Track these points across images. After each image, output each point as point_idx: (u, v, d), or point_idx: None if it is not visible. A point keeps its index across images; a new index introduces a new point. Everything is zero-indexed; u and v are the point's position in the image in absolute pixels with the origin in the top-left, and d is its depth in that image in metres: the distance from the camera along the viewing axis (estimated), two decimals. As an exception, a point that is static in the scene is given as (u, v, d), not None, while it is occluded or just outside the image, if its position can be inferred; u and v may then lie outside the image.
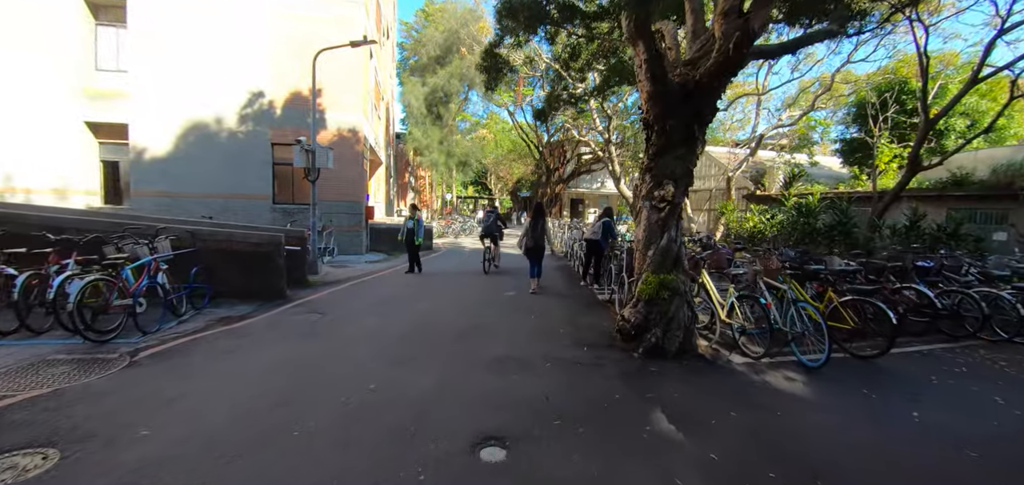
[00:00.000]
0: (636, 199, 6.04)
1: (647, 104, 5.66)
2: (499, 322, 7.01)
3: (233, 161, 14.71)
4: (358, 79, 14.97)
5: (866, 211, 15.61)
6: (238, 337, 6.13)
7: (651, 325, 5.53)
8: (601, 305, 8.46)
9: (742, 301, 5.82)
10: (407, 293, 9.14)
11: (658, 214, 5.70)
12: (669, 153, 5.64)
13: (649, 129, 5.76)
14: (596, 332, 6.56)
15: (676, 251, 5.71)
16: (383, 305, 8.09)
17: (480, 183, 54.59)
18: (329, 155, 11.09)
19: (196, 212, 14.49)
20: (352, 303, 8.27)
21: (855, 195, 15.21)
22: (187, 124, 14.57)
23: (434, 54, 23.66)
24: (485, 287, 10.03)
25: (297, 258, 9.66)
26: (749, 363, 5.51)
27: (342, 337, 6.16)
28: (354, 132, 14.94)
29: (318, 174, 11.05)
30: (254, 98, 14.72)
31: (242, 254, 8.29)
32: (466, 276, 11.63)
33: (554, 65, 15.04)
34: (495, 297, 8.95)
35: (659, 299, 5.48)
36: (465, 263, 14.63)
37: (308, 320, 7.06)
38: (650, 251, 5.70)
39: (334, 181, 14.88)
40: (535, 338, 6.21)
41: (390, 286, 9.89)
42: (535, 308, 8.03)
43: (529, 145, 34.22)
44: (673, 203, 5.64)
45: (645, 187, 5.81)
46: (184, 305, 7.29)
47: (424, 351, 5.61)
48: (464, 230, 25.06)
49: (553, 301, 8.71)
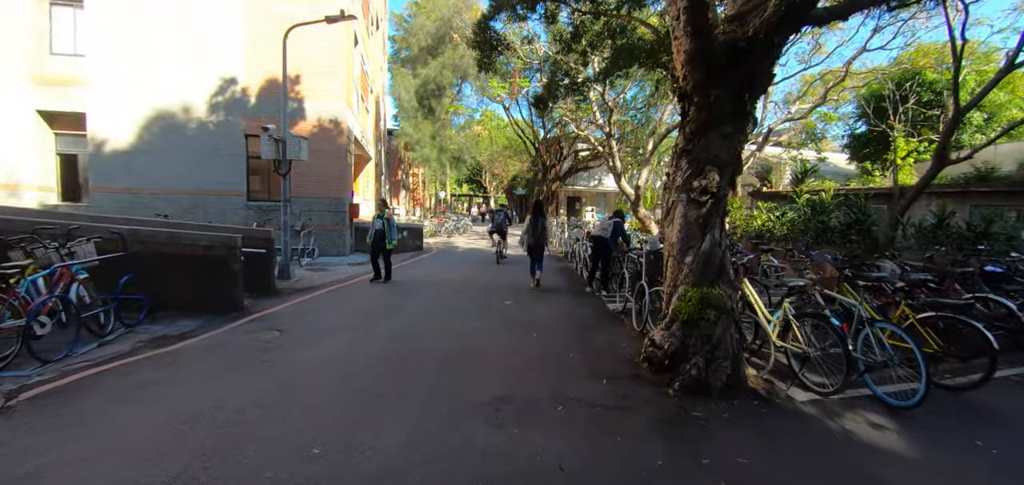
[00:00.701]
0: (668, 192, 4.72)
1: (685, 68, 4.34)
2: (495, 343, 5.67)
3: (203, 154, 13.24)
4: (341, 65, 13.55)
5: (882, 209, 14.40)
6: (162, 367, 4.75)
7: (690, 353, 4.23)
8: (614, 318, 7.14)
9: (802, 320, 4.52)
10: (387, 303, 7.78)
11: (697, 210, 4.38)
12: (713, 131, 4.33)
13: (686, 101, 4.45)
14: (614, 356, 5.24)
15: (720, 258, 4.40)
16: (357, 319, 6.73)
17: (475, 181, 53.17)
18: (302, 145, 9.70)
19: (163, 210, 13.04)
20: (321, 317, 6.89)
21: (871, 191, 14.03)
22: (152, 114, 13.09)
23: (425, 44, 22.19)
24: (479, 295, 8.69)
25: (262, 262, 8.28)
26: (815, 400, 4.23)
27: (294, 366, 4.80)
28: (336, 123, 13.52)
29: (290, 167, 9.66)
30: (226, 85, 13.26)
31: (190, 259, 6.90)
32: (458, 281, 10.28)
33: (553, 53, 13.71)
34: (491, 307, 7.62)
35: (701, 320, 4.17)
36: (458, 265, 13.27)
37: (260, 341, 5.69)
38: (688, 258, 4.39)
39: (314, 176, 13.48)
40: (540, 367, 4.89)
41: (369, 294, 8.52)
42: (537, 321, 6.70)
43: (525, 141, 32.87)
44: (717, 196, 4.33)
45: (680, 176, 4.49)
46: (111, 322, 5.91)
47: (397, 388, 4.26)
48: (457, 229, 23.67)
49: (557, 312, 7.38)
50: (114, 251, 6.21)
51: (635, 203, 18.27)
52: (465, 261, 14.15)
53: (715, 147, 4.34)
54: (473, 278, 10.62)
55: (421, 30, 22.42)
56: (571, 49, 10.43)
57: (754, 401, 4.15)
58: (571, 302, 8.21)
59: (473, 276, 10.93)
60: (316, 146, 13.37)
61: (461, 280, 10.35)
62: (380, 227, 9.50)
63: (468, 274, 11.32)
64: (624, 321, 6.82)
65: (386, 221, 9.46)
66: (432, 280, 10.32)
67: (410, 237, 15.66)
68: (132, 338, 5.76)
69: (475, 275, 11.12)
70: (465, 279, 10.49)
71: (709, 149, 4.35)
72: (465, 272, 11.70)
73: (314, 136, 13.38)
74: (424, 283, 9.88)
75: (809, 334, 4.48)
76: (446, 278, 10.65)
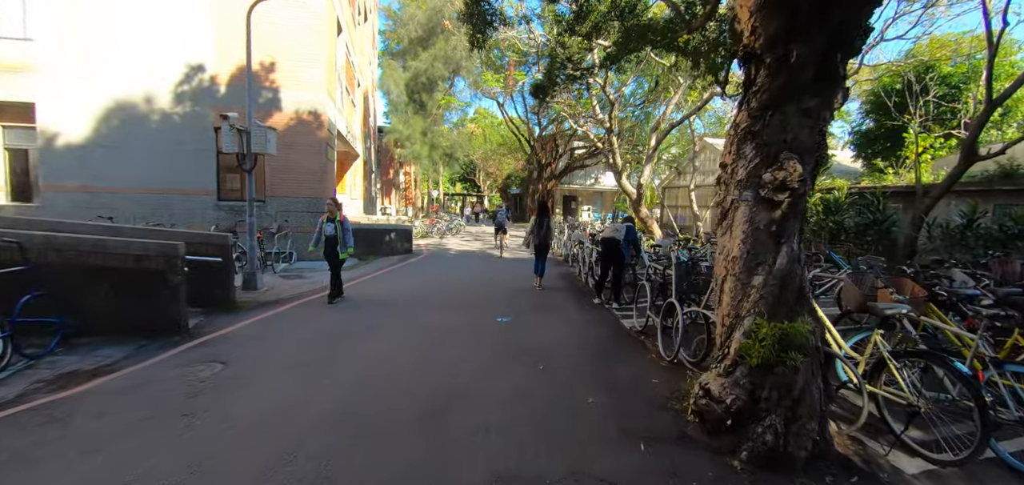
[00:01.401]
0: (722, 189, 3.49)
1: (754, 18, 3.11)
2: (490, 382, 4.41)
3: (168, 149, 11.84)
4: (321, 53, 12.21)
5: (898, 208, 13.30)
6: (48, 424, 3.46)
7: (763, 410, 3.01)
8: (633, 340, 5.90)
9: (902, 362, 3.32)
10: (360, 324, 6.49)
11: (769, 213, 3.16)
12: (790, 103, 3.11)
13: (753, 63, 3.23)
14: (647, 401, 4.00)
15: (800, 278, 3.18)
16: (320, 346, 5.44)
17: (469, 180, 51.85)
18: (270, 137, 8.36)
19: (124, 211, 11.65)
20: (277, 343, 5.59)
21: (888, 190, 12.95)
22: (110, 104, 11.67)
23: (416, 35, 20.80)
24: (472, 310, 7.43)
25: (218, 272, 6.96)
26: (930, 472, 3.04)
27: (222, 426, 3.51)
28: (316, 115, 12.18)
29: (255, 162, 8.34)
30: (193, 73, 11.87)
31: (119, 271, 5.57)
32: (447, 291, 9.01)
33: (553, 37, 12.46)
34: (485, 328, 6.35)
35: (779, 366, 2.95)
36: (449, 270, 11.98)
37: (193, 379, 4.40)
38: (756, 278, 3.16)
39: (292, 173, 12.14)
40: (551, 420, 3.63)
41: (340, 312, 7.22)
42: (542, 347, 5.45)
43: (520, 139, 31.61)
44: (798, 193, 3.11)
45: (743, 166, 3.26)
46: (7, 354, 4.59)
47: (355, 465, 3.00)
48: (450, 229, 22.33)
49: (565, 332, 6.14)
50: (10, 264, 4.88)
51: (636, 202, 17.09)
52: (457, 266, 12.88)
53: (793, 125, 3.12)
54: (465, 287, 9.35)
55: (411, 20, 21.02)
56: (574, 31, 9.16)
57: (851, 477, 2.95)
58: (579, 318, 6.97)
59: (465, 285, 9.66)
60: (293, 140, 12.04)
61: (451, 290, 9.08)
62: (331, 232, 7.50)
63: (460, 281, 10.05)
64: (647, 345, 5.59)
65: (338, 225, 7.50)
66: (417, 290, 9.03)
67: (397, 239, 14.35)
68: (30, 376, 4.44)
69: (467, 283, 9.86)
70: (456, 288, 9.21)
71: (785, 128, 3.13)
72: (456, 279, 10.42)
73: (291, 129, 12.04)
74: (407, 294, 8.59)
75: (913, 379, 3.29)
76: (434, 287, 9.37)
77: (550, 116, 28.76)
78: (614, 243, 7.35)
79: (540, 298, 8.33)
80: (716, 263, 3.51)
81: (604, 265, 7.67)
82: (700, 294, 5.07)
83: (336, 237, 7.51)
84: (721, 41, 7.77)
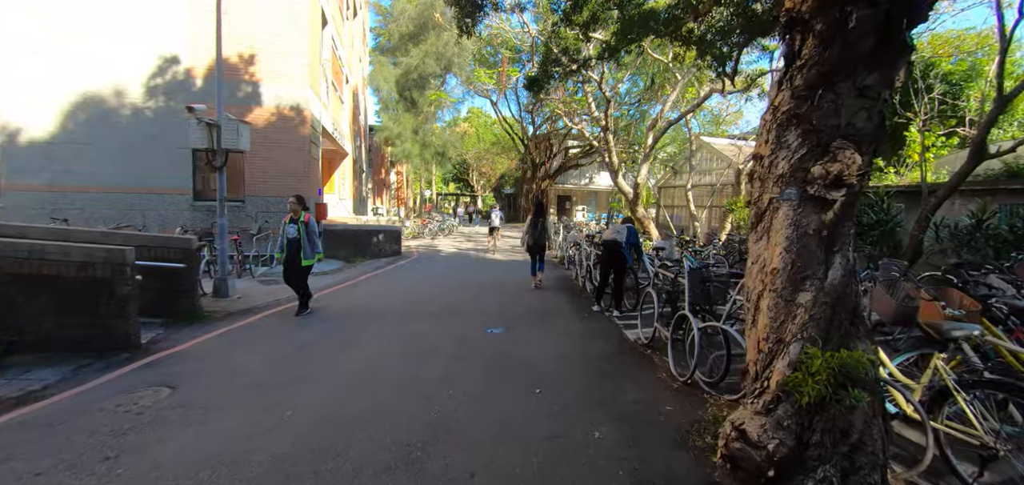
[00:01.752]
0: (758, 186, 2.87)
1: (802, -26, 2.51)
2: (477, 412, 3.77)
3: (140, 146, 11.10)
4: (304, 45, 11.51)
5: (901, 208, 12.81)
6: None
7: (813, 459, 2.40)
8: (638, 354, 5.29)
9: (970, 391, 2.73)
10: (336, 337, 5.83)
11: (819, 215, 2.56)
12: (845, 80, 2.51)
13: (799, 31, 2.62)
14: (662, 436, 3.37)
15: (855, 295, 2.59)
16: (286, 366, 4.78)
17: (462, 180, 51.15)
18: (242, 132, 7.66)
19: (92, 212, 10.90)
20: (238, 361, 4.91)
21: (891, 189, 12.49)
22: (78, 98, 10.90)
23: (407, 30, 20.05)
24: (461, 319, 6.79)
25: (180, 280, 6.27)
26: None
27: (149, 472, 2.85)
28: (298, 110, 11.48)
29: (226, 158, 7.64)
30: (167, 65, 11.12)
31: (60, 280, 4.88)
32: (435, 297, 8.36)
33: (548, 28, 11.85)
34: (474, 342, 5.72)
35: (833, 405, 2.35)
36: (439, 273, 11.32)
37: (130, 411, 3.72)
38: (803, 294, 2.55)
39: (273, 171, 11.43)
40: (548, 467, 2.99)
41: (317, 323, 6.54)
42: (538, 365, 4.82)
43: (513, 138, 31.00)
44: (854, 191, 2.52)
45: (785, 159, 2.66)
46: (-86, 379, 3.90)
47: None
48: (442, 230, 21.63)
49: (563, 345, 5.52)
50: (-80, 274, 4.18)
51: (633, 202, 16.52)
52: (448, 269, 12.23)
53: (849, 108, 2.52)
54: (455, 293, 8.71)
55: (402, 15, 20.27)
56: (570, 22, 8.55)
57: (923, 542, 2.35)
58: (577, 327, 6.35)
59: (455, 290, 9.02)
60: (274, 136, 11.34)
61: (440, 296, 8.43)
62: (294, 235, 6.50)
63: (450, 286, 9.40)
64: (655, 360, 4.98)
65: (302, 227, 6.51)
66: (403, 297, 8.37)
67: (386, 241, 13.66)
68: (-64, 406, 3.75)
69: (458, 288, 9.22)
70: (445, 294, 8.56)
71: (838, 111, 2.53)
72: (446, 283, 9.78)
73: (272, 125, 11.34)
74: (392, 301, 7.93)
75: (990, 414, 2.70)
76: (422, 293, 8.71)
77: (544, 115, 28.17)
78: (615, 246, 6.74)
79: (535, 304, 7.71)
80: (748, 274, 2.90)
81: (604, 270, 7.06)
82: (714, 304, 4.47)
83: (299, 241, 6.50)
84: (729, 27, 7.20)
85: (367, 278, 10.39)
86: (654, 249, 7.76)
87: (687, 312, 4.32)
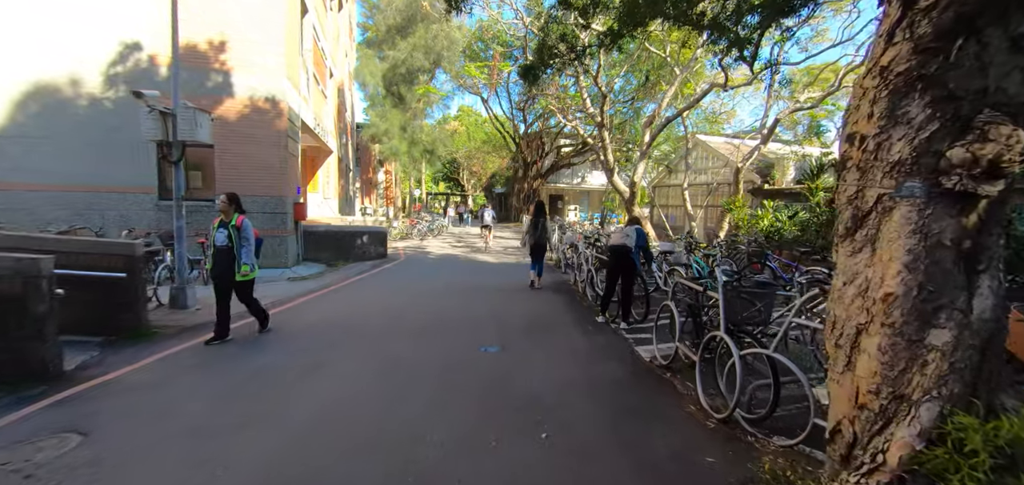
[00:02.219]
0: (856, 177, 2.08)
1: None
2: (467, 469, 2.94)
3: (100, 140, 10.05)
4: (280, 32, 10.54)
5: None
6: None
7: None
8: (657, 380, 4.49)
9: None
10: (301, 359, 4.95)
11: (956, 219, 1.78)
12: (993, 25, 1.73)
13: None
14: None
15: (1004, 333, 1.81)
16: (234, 401, 3.90)
17: (452, 179, 50.17)
18: (201, 121, 6.71)
19: (44, 213, 9.84)
20: (177, 394, 4.01)
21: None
22: (28, 88, 9.82)
23: (394, 22, 19.07)
24: (449, 335, 5.95)
25: (123, 291, 5.34)
26: None
27: None
28: (274, 102, 10.51)
29: (183, 151, 6.70)
30: (128, 52, 10.09)
31: (-44, 297, 3.95)
32: (420, 307, 7.51)
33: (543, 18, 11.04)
34: (463, 363, 4.88)
35: (998, 497, 1.58)
36: (426, 278, 10.44)
37: (20, 469, 2.84)
38: (936, 334, 1.77)
39: (246, 167, 10.45)
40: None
41: (279, 343, 5.62)
42: (542, 396, 4.00)
43: (505, 136, 30.15)
44: (1010, 181, 1.75)
45: (903, 139, 1.87)
46: None
47: None
48: (431, 230, 20.70)
49: (569, 369, 4.71)
50: None
51: (630, 201, 15.81)
52: (437, 273, 11.35)
53: (999, 66, 1.74)
54: (443, 301, 7.86)
55: (389, 6, 19.29)
56: (569, 4, 7.75)
57: None
58: (583, 344, 5.54)
59: (444, 297, 8.18)
60: (247, 130, 10.38)
61: (426, 304, 7.57)
62: (224, 242, 5.14)
63: (438, 293, 8.55)
64: (677, 386, 4.20)
65: (234, 231, 5.13)
66: (385, 307, 7.49)
67: (371, 243, 12.75)
68: None
69: (446, 295, 8.38)
70: (432, 303, 7.70)
71: (985, 70, 1.75)
72: (434, 290, 8.92)
73: (245, 118, 10.37)
74: (371, 313, 7.05)
75: None
76: (407, 301, 7.84)
77: (536, 112, 27.39)
78: (624, 251, 5.94)
79: (533, 314, 6.90)
80: (837, 299, 2.11)
81: (611, 277, 6.24)
82: (754, 323, 3.69)
83: (231, 249, 5.15)
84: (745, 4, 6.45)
85: (348, 284, 9.49)
86: (661, 253, 7.00)
87: (723, 334, 3.53)
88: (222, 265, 5.20)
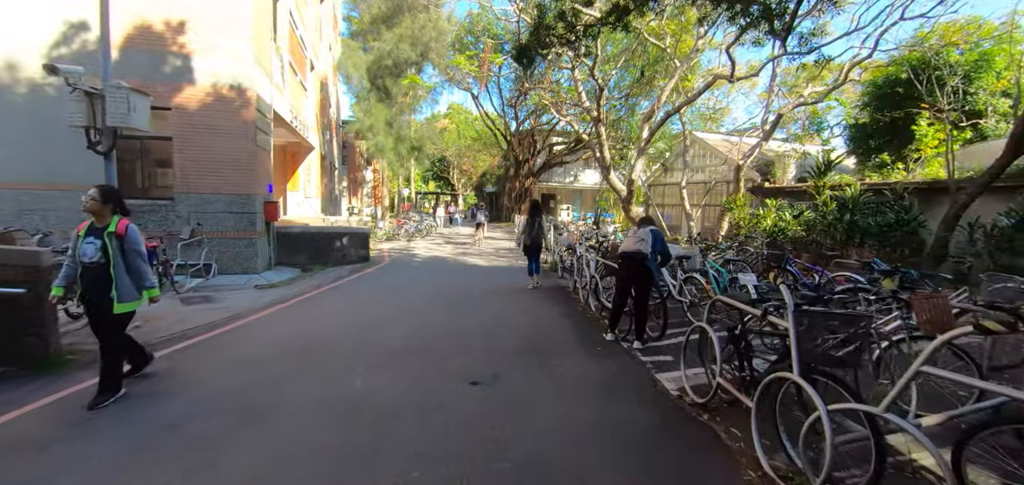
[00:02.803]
0: None
1: None
2: None
3: (40, 131, 8.80)
4: (247, 12, 9.39)
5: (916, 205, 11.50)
6: None
7: None
8: (694, 425, 3.49)
9: None
10: (238, 398, 3.87)
11: None
12: None
13: None
14: None
15: None
16: (129, 471, 2.83)
17: (442, 178, 48.97)
18: (135, 103, 5.56)
19: (-23, 212, 8.58)
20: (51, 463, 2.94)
21: (909, 186, 11.14)
22: (-43, 71, 8.58)
23: (379, 12, 17.92)
24: (429, 359, 4.91)
25: (19, 311, 4.21)
26: None
27: None
28: (240, 91, 9.35)
29: (115, 139, 5.57)
30: (73, 33, 8.87)
31: None
32: (399, 321, 6.44)
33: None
34: (444, 405, 3.84)
35: None
36: (409, 285, 9.34)
37: None
38: None
39: (209, 162, 9.29)
40: None
41: (219, 379, 4.55)
42: (543, 453, 2.98)
43: (496, 134, 29.10)
44: None
45: None
46: None
47: None
48: (419, 231, 19.59)
49: (578, 410, 3.69)
50: None
51: (627, 200, 14.89)
52: (422, 278, 10.26)
53: None
54: (427, 313, 6.81)
55: (374, -5, 18.15)
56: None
57: None
58: (592, 370, 4.53)
59: (427, 308, 7.12)
60: (210, 120, 9.22)
61: (407, 317, 6.51)
62: (94, 257, 3.52)
63: (421, 302, 7.50)
64: (720, 435, 3.21)
65: (111, 241, 3.55)
66: (358, 321, 6.38)
67: (351, 246, 11.63)
68: None
69: (431, 305, 7.32)
70: (414, 316, 6.63)
71: None
72: (418, 298, 7.86)
73: (207, 107, 9.21)
74: (341, 328, 5.96)
75: None
76: (385, 314, 6.76)
77: (528, 108, 26.38)
78: (639, 259, 4.94)
79: (531, 331, 5.88)
80: None
81: (623, 289, 5.24)
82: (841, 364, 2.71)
83: (107, 265, 3.54)
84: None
85: (321, 292, 8.38)
86: (678, 259, 6.05)
87: (799, 379, 2.54)
88: (96, 289, 3.58)
